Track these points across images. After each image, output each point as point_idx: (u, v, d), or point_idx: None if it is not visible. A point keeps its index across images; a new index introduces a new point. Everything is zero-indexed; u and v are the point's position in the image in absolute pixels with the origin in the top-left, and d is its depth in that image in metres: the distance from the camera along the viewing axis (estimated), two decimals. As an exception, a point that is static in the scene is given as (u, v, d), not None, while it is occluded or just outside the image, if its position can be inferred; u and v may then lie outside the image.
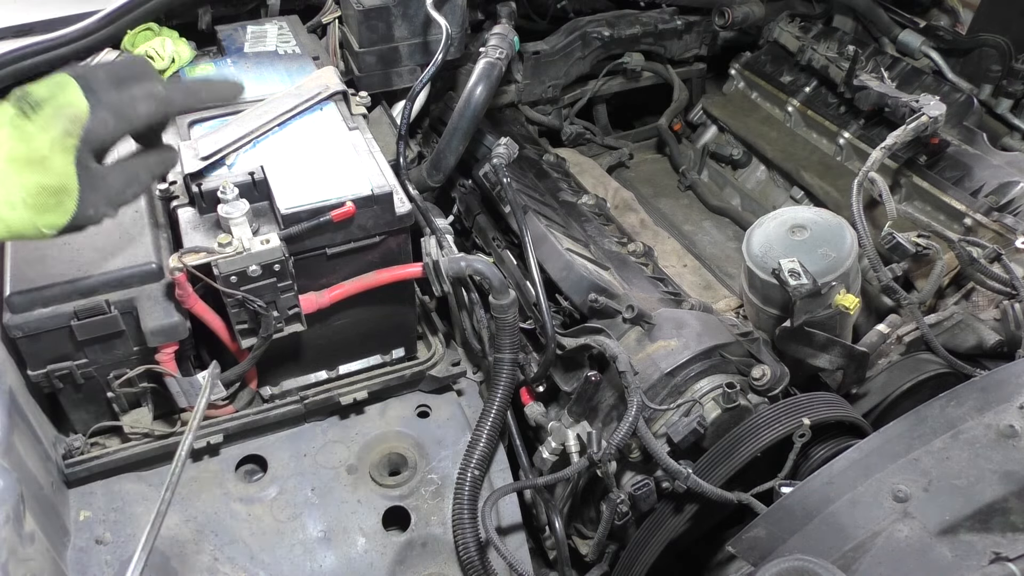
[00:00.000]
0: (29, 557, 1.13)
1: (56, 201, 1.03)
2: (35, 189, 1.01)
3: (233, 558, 1.38)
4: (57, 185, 1.03)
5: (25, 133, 1.01)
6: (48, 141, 1.02)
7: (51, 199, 1.03)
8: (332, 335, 1.53)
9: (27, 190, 1.01)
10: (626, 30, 2.49)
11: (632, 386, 1.38)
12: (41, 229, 1.04)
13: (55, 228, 1.05)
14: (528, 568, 1.43)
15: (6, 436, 1.19)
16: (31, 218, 1.02)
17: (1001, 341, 1.68)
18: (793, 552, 1.09)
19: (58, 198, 1.03)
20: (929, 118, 1.85)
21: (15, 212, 1.01)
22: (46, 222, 1.03)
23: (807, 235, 1.62)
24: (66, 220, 1.05)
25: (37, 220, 1.03)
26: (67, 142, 1.03)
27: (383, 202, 1.39)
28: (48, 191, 1.02)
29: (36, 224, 1.03)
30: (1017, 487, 1.07)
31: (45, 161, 1.02)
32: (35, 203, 1.02)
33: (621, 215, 2.22)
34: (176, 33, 1.75)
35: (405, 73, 1.96)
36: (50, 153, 1.02)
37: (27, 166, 1.01)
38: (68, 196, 1.04)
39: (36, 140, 1.01)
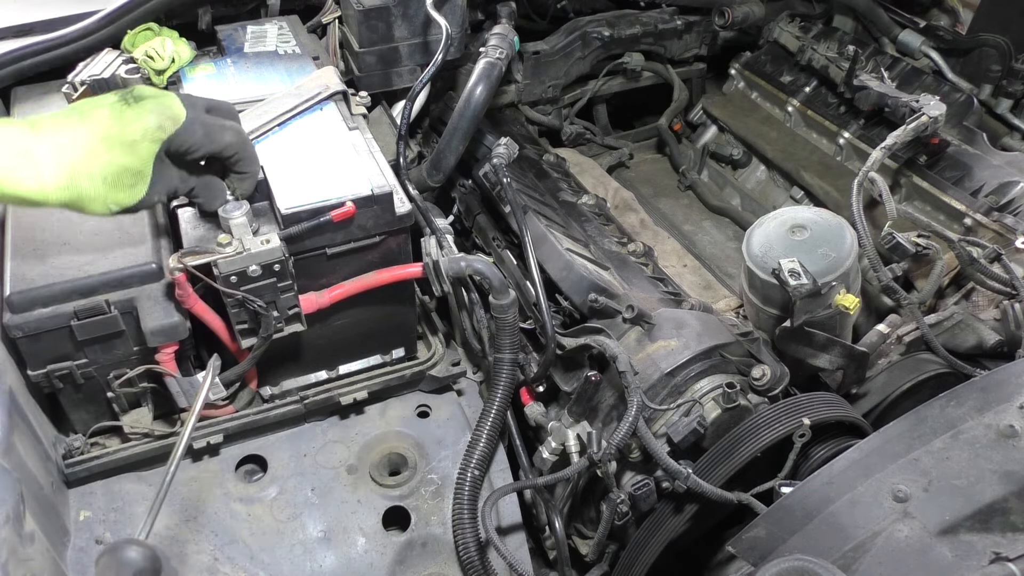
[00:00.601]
0: (29, 557, 1.13)
1: (131, 183, 1.15)
2: (118, 168, 1.13)
3: (233, 558, 1.38)
4: (137, 170, 1.15)
5: (124, 118, 1.14)
6: (142, 129, 1.14)
7: (128, 179, 1.15)
8: (332, 335, 1.53)
9: (111, 168, 1.13)
10: (626, 30, 2.49)
11: (632, 386, 1.38)
12: (109, 205, 1.15)
13: (121, 206, 1.17)
14: (528, 568, 1.43)
15: (6, 436, 1.19)
16: (104, 193, 1.13)
17: (1001, 341, 1.68)
18: (793, 552, 1.09)
19: (134, 180, 1.16)
20: (929, 118, 1.85)
21: (92, 184, 1.12)
22: (116, 199, 1.15)
23: (807, 235, 1.62)
24: (134, 200, 1.17)
25: (109, 196, 1.14)
26: (158, 135, 1.16)
27: (383, 202, 1.39)
28: (128, 172, 1.15)
29: (106, 199, 1.14)
30: (1017, 487, 1.07)
31: (135, 146, 1.14)
32: (114, 181, 1.14)
33: (621, 215, 2.22)
34: (176, 33, 1.75)
35: (405, 73, 1.96)
36: (141, 140, 1.14)
37: (117, 147, 1.13)
38: (142, 181, 1.17)
39: (131, 126, 1.14)
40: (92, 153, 1.11)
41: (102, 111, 1.14)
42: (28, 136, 1.10)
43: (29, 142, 1.09)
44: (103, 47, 1.69)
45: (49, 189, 1.10)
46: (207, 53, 1.79)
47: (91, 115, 1.14)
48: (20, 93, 1.69)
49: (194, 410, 1.25)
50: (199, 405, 1.26)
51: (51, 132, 1.11)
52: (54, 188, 1.10)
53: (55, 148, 1.10)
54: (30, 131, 1.11)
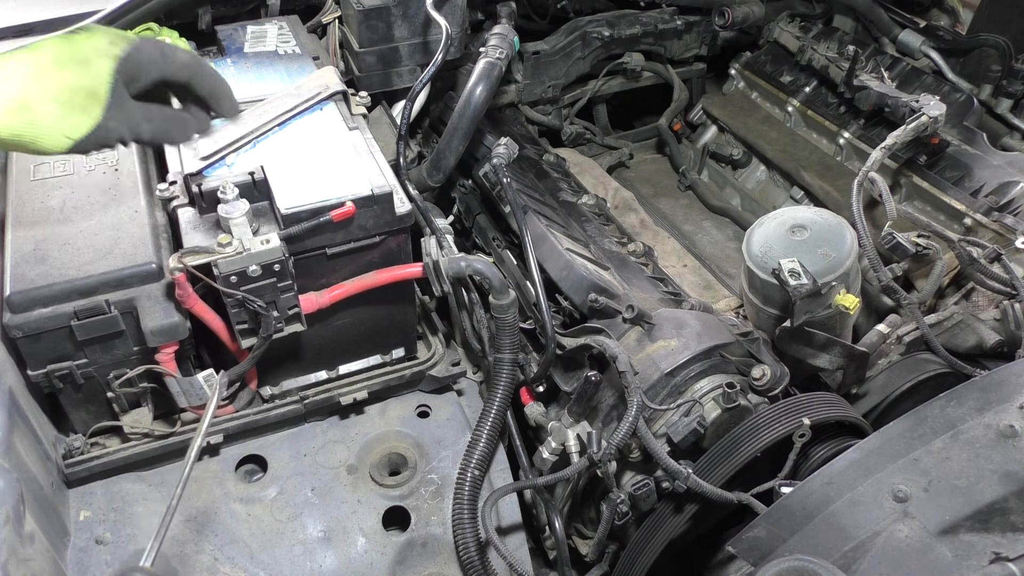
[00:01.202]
0: (29, 557, 1.13)
1: (85, 103, 1.09)
2: (70, 86, 1.07)
3: (233, 558, 1.38)
4: (90, 86, 1.09)
5: (73, 41, 1.10)
6: (93, 46, 1.11)
7: (82, 99, 1.09)
8: (332, 335, 1.53)
9: (62, 86, 1.07)
10: (626, 30, 2.49)
11: (632, 386, 1.38)
12: (64, 132, 1.09)
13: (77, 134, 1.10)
14: (528, 568, 1.43)
15: (6, 436, 1.19)
16: (58, 116, 1.07)
17: (1001, 341, 1.67)
18: (793, 552, 1.09)
19: (88, 101, 1.09)
20: (929, 118, 1.85)
21: (44, 105, 1.06)
22: (71, 124, 1.09)
23: (807, 235, 1.62)
24: (89, 127, 1.10)
25: (63, 119, 1.08)
26: (110, 50, 1.12)
27: (383, 202, 1.39)
28: (81, 90, 1.08)
29: (61, 125, 1.08)
30: (1017, 487, 1.07)
31: (87, 62, 1.09)
32: (66, 99, 1.07)
33: (621, 215, 2.22)
34: (176, 33, 1.75)
35: (405, 73, 1.96)
36: (92, 56, 1.10)
37: (69, 64, 1.08)
38: (96, 102, 1.10)
39: (82, 45, 1.10)
40: (42, 73, 1.06)
41: (49, 39, 1.10)
42: None
43: None
44: (103, 47, 1.69)
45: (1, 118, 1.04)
46: (207, 53, 1.79)
47: (37, 44, 1.10)
48: (20, 93, 1.69)
49: (200, 430, 1.23)
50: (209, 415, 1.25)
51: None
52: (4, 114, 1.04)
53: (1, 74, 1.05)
54: None
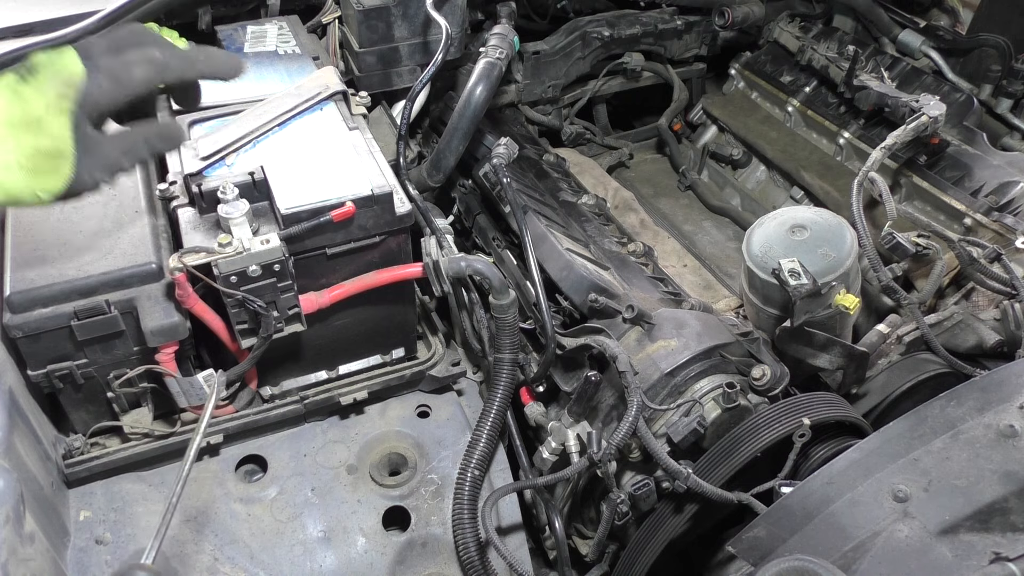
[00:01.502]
0: (29, 557, 1.13)
1: (52, 165, 1.03)
2: (31, 151, 1.01)
3: (233, 558, 1.38)
4: (52, 148, 1.03)
5: (21, 96, 1.02)
6: (43, 104, 1.02)
7: (47, 162, 1.03)
8: (332, 335, 1.53)
9: (23, 153, 1.01)
10: (626, 30, 2.49)
11: (632, 386, 1.38)
12: (38, 194, 1.04)
13: (52, 193, 1.04)
14: (528, 568, 1.43)
15: (6, 436, 1.19)
16: (28, 182, 1.02)
17: (1001, 341, 1.67)
18: (793, 552, 1.09)
19: (54, 162, 1.03)
20: (929, 118, 1.85)
21: (11, 174, 1.01)
22: (43, 186, 1.03)
23: (807, 235, 1.62)
24: (62, 185, 1.04)
25: (34, 184, 1.02)
26: (62, 104, 1.03)
27: (383, 202, 1.39)
28: (44, 153, 1.02)
29: (33, 188, 1.03)
30: (1017, 487, 1.07)
31: (40, 123, 1.02)
32: (31, 166, 1.02)
33: (621, 215, 2.22)
34: (176, 33, 1.73)
35: (405, 73, 1.96)
36: (45, 115, 1.02)
37: (23, 128, 1.01)
38: (64, 160, 1.04)
39: (31, 103, 1.02)
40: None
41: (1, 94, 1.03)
42: None
43: None
44: (103, 47, 1.69)
45: None
46: (207, 53, 1.78)
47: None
48: (20, 93, 1.69)
49: (199, 429, 1.22)
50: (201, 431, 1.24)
51: None
52: None
53: None
54: None
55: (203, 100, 1.29)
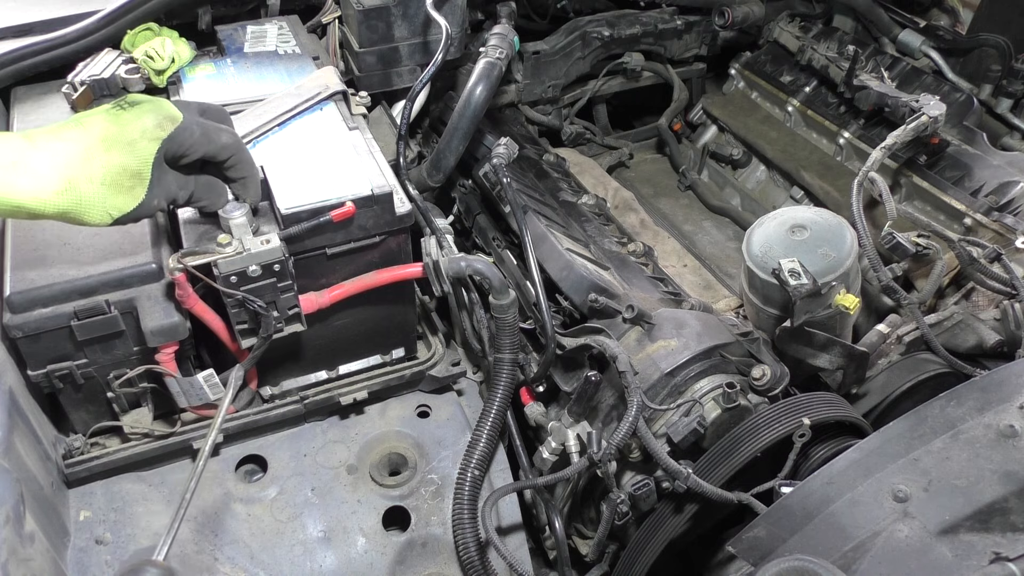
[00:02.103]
0: (29, 557, 1.13)
1: (131, 185, 1.13)
2: (117, 169, 1.11)
3: (233, 558, 1.38)
4: (136, 169, 1.13)
5: (121, 119, 1.13)
6: (140, 129, 1.13)
7: (127, 181, 1.12)
8: (332, 335, 1.53)
9: (109, 168, 1.11)
10: (626, 30, 2.49)
11: (632, 386, 1.38)
12: (108, 211, 1.12)
13: (120, 212, 1.14)
14: (528, 568, 1.43)
15: (6, 436, 1.19)
16: (104, 196, 1.11)
17: (1001, 341, 1.67)
18: (793, 552, 1.09)
19: (133, 182, 1.13)
20: (929, 118, 1.85)
21: (92, 187, 1.10)
22: (116, 204, 1.12)
23: (807, 235, 1.62)
24: (132, 206, 1.14)
25: (108, 200, 1.11)
26: (156, 133, 1.14)
27: (383, 202, 1.39)
28: (127, 173, 1.12)
29: (106, 204, 1.12)
30: (1017, 487, 1.07)
31: (133, 145, 1.13)
32: (112, 182, 1.11)
33: (621, 215, 2.22)
34: (176, 33, 1.75)
35: (405, 73, 1.96)
36: (139, 139, 1.13)
37: (116, 146, 1.11)
38: (140, 183, 1.14)
39: (130, 126, 1.13)
40: (90, 155, 1.10)
41: (98, 116, 1.14)
42: (24, 146, 1.08)
43: (25, 151, 1.07)
44: (103, 47, 1.69)
45: (47, 195, 1.07)
46: (207, 53, 1.79)
47: (87, 121, 1.13)
48: (20, 93, 1.69)
49: (215, 425, 1.23)
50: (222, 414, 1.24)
51: (47, 140, 1.10)
52: (52, 193, 1.07)
53: (52, 153, 1.08)
54: (25, 141, 1.09)
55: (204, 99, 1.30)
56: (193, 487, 1.15)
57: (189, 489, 1.14)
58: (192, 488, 1.15)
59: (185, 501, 1.13)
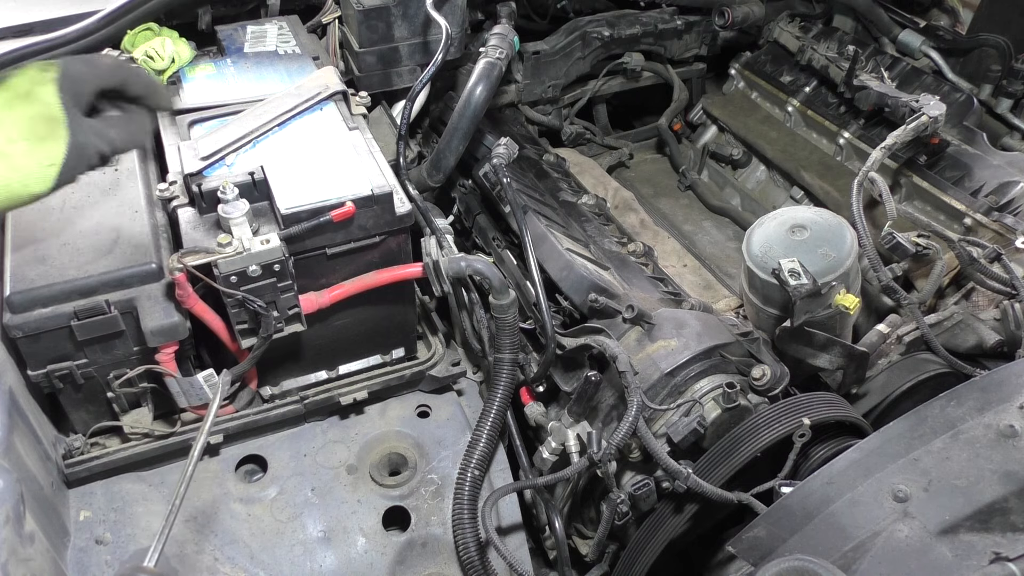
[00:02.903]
0: (29, 557, 1.13)
1: (48, 129, 1.08)
2: (27, 120, 1.07)
3: (233, 558, 1.38)
4: (46, 113, 1.09)
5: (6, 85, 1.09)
6: (28, 79, 1.09)
7: (43, 127, 1.08)
8: (332, 335, 1.53)
9: (20, 124, 1.07)
10: (626, 30, 2.49)
11: (632, 386, 1.38)
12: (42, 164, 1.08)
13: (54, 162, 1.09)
14: (528, 568, 1.43)
15: (6, 436, 1.19)
16: (30, 150, 1.07)
17: (1001, 341, 1.67)
18: (793, 552, 1.09)
19: (49, 126, 1.09)
20: (929, 118, 1.85)
21: (15, 146, 1.06)
22: (46, 154, 1.08)
23: (807, 235, 1.62)
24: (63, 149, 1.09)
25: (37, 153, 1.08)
26: (44, 76, 1.10)
27: (383, 202, 1.39)
28: (39, 119, 1.08)
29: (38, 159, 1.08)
30: (1017, 487, 1.07)
31: (29, 94, 1.08)
32: (30, 133, 1.07)
33: (621, 215, 2.22)
34: (176, 33, 1.75)
35: (405, 73, 1.96)
36: (31, 86, 1.09)
37: (14, 101, 1.07)
38: (57, 123, 1.09)
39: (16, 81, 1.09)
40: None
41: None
42: None
43: None
44: (103, 47, 1.69)
45: None
46: (207, 53, 1.79)
47: None
48: (20, 93, 1.69)
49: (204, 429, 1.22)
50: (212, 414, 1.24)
51: None
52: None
53: None
54: None
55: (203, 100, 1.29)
56: (183, 492, 1.14)
57: (178, 495, 1.14)
58: (182, 494, 1.14)
59: (175, 507, 1.13)
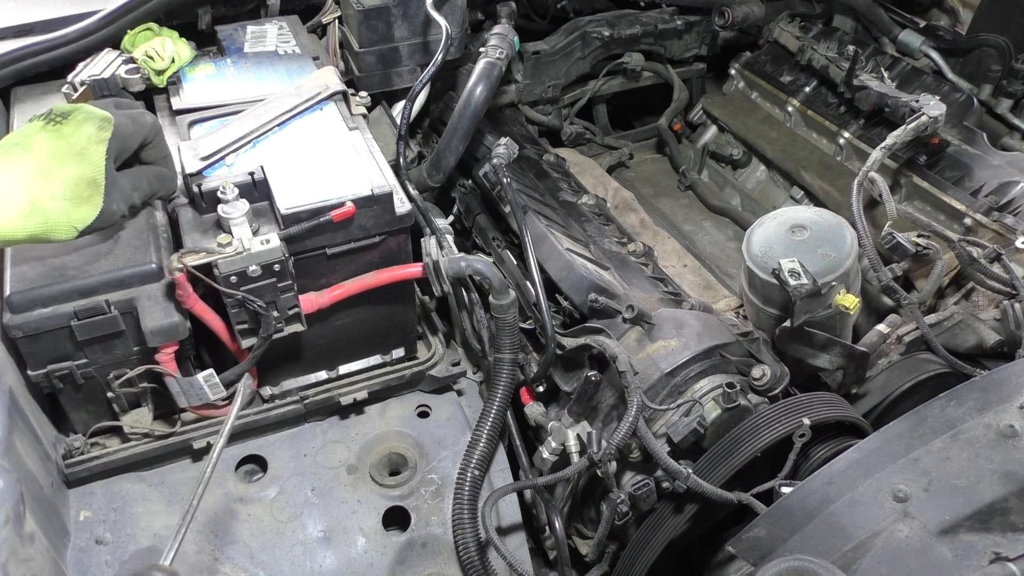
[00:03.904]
0: (29, 557, 1.13)
1: (89, 193, 1.13)
2: (74, 180, 1.12)
3: (233, 558, 1.38)
4: (92, 176, 1.13)
5: (63, 133, 1.14)
6: (84, 136, 1.14)
7: (86, 190, 1.13)
8: (332, 335, 1.53)
9: (67, 182, 1.11)
10: (626, 30, 2.49)
11: (632, 386, 1.38)
12: (73, 224, 1.13)
13: (83, 224, 1.14)
14: (528, 568, 1.43)
15: (6, 436, 1.19)
16: (67, 211, 1.12)
17: (1001, 341, 1.67)
18: (793, 552, 1.09)
19: (91, 190, 1.13)
20: (929, 118, 1.85)
21: (55, 204, 1.10)
22: (79, 216, 1.13)
23: (807, 235, 1.62)
24: (95, 214, 1.14)
25: (72, 213, 1.12)
26: (101, 136, 1.15)
27: (383, 202, 1.39)
28: (84, 181, 1.13)
29: (70, 218, 1.12)
30: (1017, 487, 1.07)
31: (83, 153, 1.13)
32: (73, 194, 1.12)
33: (621, 215, 2.22)
34: (176, 33, 1.75)
35: (405, 73, 1.96)
36: (87, 146, 1.14)
37: (68, 159, 1.12)
38: (97, 189, 1.14)
39: (74, 137, 1.14)
40: (46, 173, 1.10)
41: (39, 136, 1.13)
42: None
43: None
44: (103, 47, 1.69)
45: (14, 220, 1.07)
46: (207, 53, 1.79)
47: (28, 142, 1.13)
48: (20, 93, 1.69)
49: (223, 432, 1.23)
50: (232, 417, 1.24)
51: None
52: (19, 217, 1.07)
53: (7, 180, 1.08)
54: None
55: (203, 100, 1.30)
56: (200, 493, 1.15)
57: (196, 495, 1.14)
58: (199, 494, 1.15)
59: (192, 507, 1.13)
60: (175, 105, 1.58)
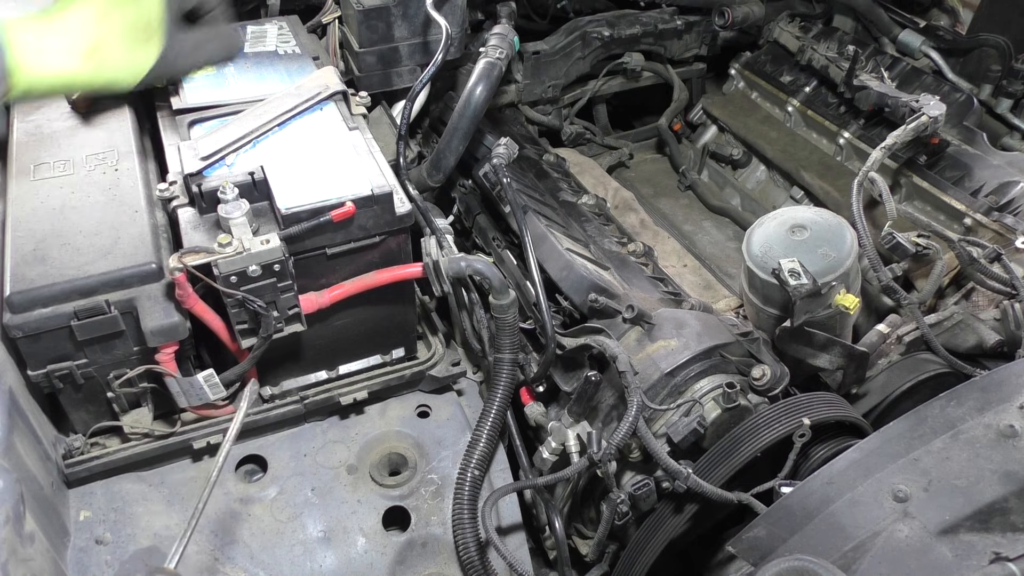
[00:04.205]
0: (29, 557, 1.13)
1: (146, 36, 1.19)
2: (132, 22, 1.18)
3: (233, 558, 1.38)
4: (147, 19, 1.19)
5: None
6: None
7: (143, 34, 1.19)
8: (332, 335, 1.53)
9: (125, 25, 1.17)
10: (626, 30, 2.49)
11: (632, 386, 1.38)
12: (134, 67, 1.19)
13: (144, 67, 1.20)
14: (528, 568, 1.43)
15: (6, 436, 1.19)
16: (126, 53, 1.18)
17: (1001, 341, 1.67)
18: (793, 552, 1.09)
19: (148, 33, 1.19)
20: (929, 118, 1.85)
21: (113, 46, 1.17)
22: (139, 59, 1.19)
23: (807, 235, 1.62)
24: (154, 57, 1.20)
25: (131, 55, 1.18)
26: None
27: (383, 202, 1.39)
28: (142, 23, 1.18)
29: (130, 60, 1.19)
30: (1017, 487, 1.07)
31: None
32: (132, 36, 1.18)
33: (621, 215, 2.22)
34: (176, 33, 1.75)
35: (405, 73, 1.96)
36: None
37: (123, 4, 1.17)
38: (156, 35, 1.20)
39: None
40: (104, 16, 1.15)
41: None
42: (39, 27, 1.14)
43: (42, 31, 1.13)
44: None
45: (78, 61, 1.13)
46: (207, 53, 1.79)
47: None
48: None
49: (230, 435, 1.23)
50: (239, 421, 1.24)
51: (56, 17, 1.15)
52: (81, 58, 1.13)
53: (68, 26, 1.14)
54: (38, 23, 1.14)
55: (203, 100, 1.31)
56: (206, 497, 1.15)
57: (202, 500, 1.14)
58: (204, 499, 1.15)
59: (197, 512, 1.14)
60: (175, 105, 1.58)
